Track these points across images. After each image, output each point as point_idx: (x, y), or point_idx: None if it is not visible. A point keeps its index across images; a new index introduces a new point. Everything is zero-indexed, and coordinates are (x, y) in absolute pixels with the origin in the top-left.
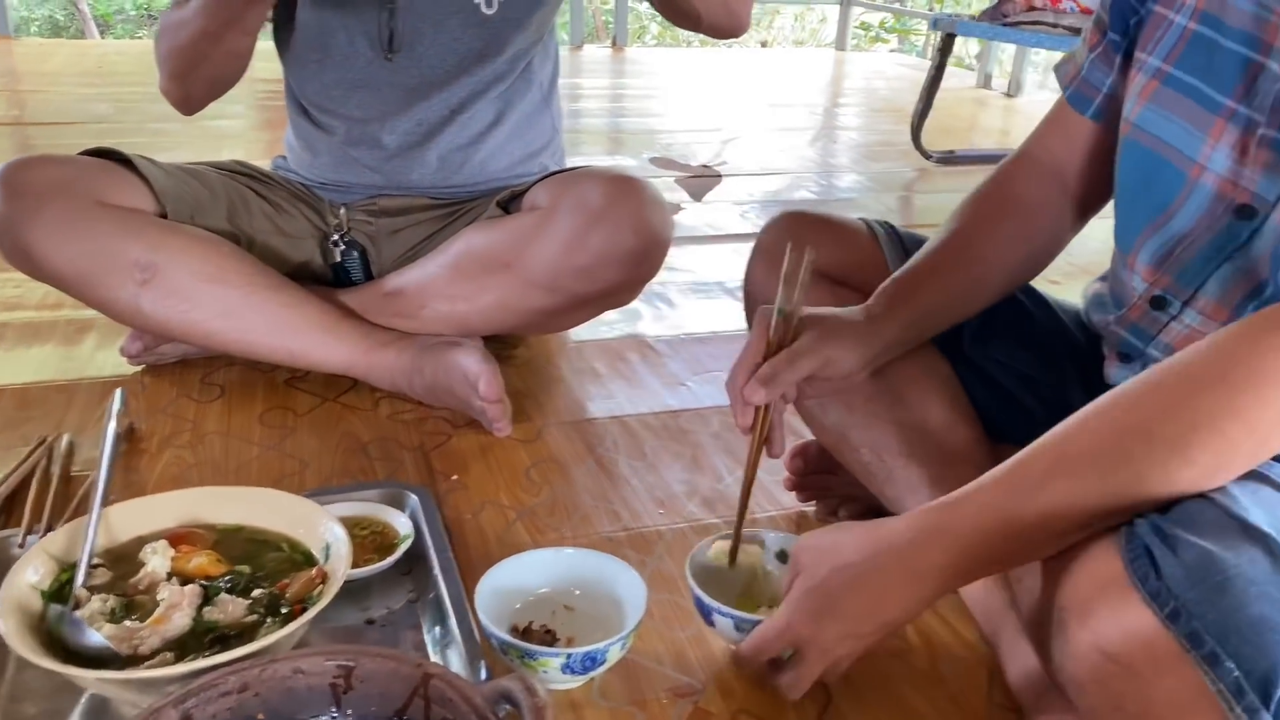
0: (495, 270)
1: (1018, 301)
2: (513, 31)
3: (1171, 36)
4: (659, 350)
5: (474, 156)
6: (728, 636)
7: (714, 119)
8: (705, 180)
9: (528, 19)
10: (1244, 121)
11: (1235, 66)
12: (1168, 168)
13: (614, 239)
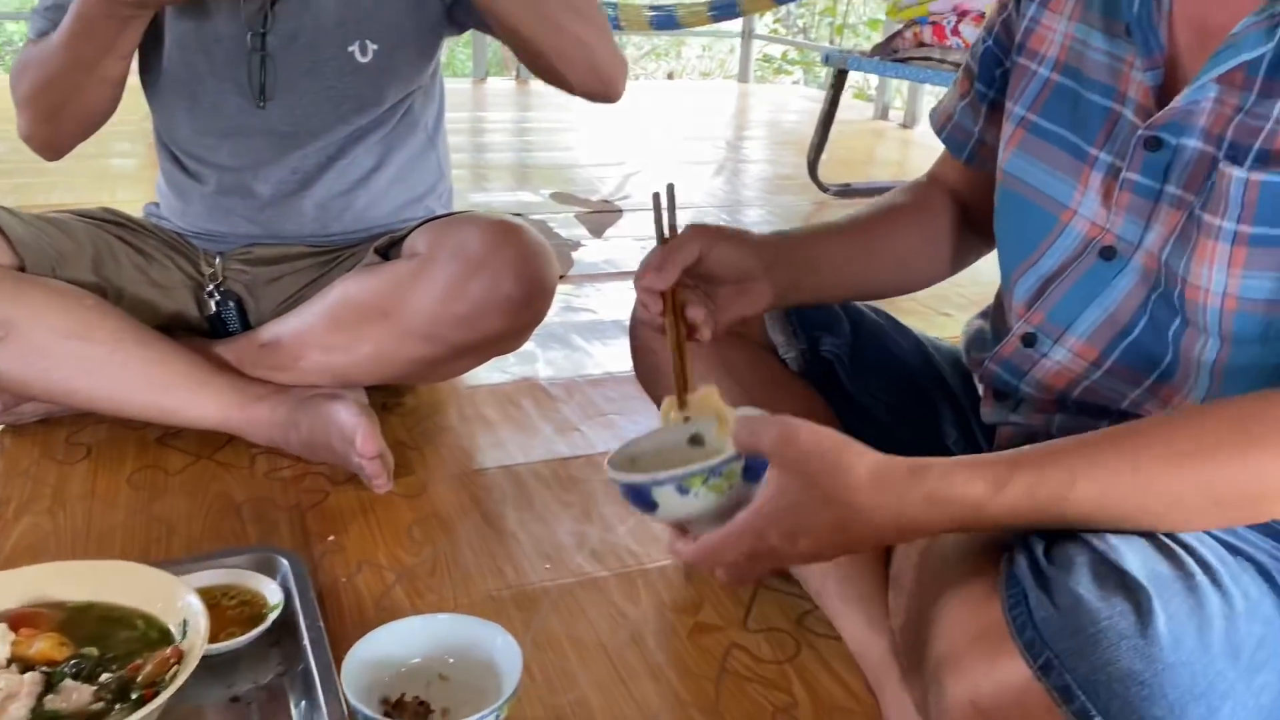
0: (372, 320)
1: (891, 340)
2: (390, 80)
3: (1035, 86)
4: (553, 394)
5: (354, 203)
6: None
7: (618, 152)
8: (606, 215)
9: (405, 67)
10: (1106, 167)
11: (1097, 115)
12: (1038, 212)
13: (494, 287)
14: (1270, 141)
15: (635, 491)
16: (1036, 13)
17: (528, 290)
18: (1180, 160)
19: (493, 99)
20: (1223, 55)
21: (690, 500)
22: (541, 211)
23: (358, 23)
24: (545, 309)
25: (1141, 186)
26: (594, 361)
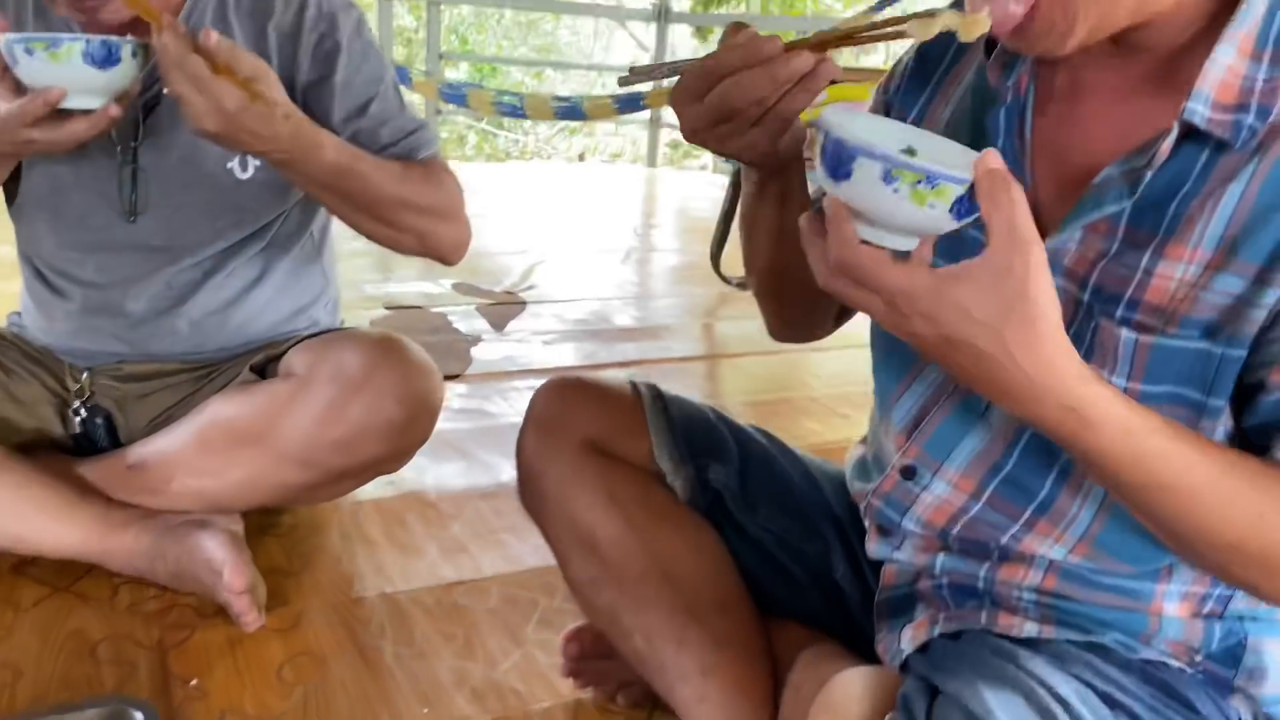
0: (245, 444)
1: (780, 468)
2: (273, 195)
3: None
4: (441, 509)
5: (232, 319)
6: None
7: (526, 239)
8: (509, 307)
9: (289, 183)
10: None
11: (970, 242)
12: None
13: (374, 410)
14: (1141, 293)
15: (838, 151)
16: None
17: (410, 412)
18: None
19: None
20: (1086, 206)
21: (883, 193)
22: (442, 304)
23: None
24: (429, 430)
25: None
26: (488, 472)
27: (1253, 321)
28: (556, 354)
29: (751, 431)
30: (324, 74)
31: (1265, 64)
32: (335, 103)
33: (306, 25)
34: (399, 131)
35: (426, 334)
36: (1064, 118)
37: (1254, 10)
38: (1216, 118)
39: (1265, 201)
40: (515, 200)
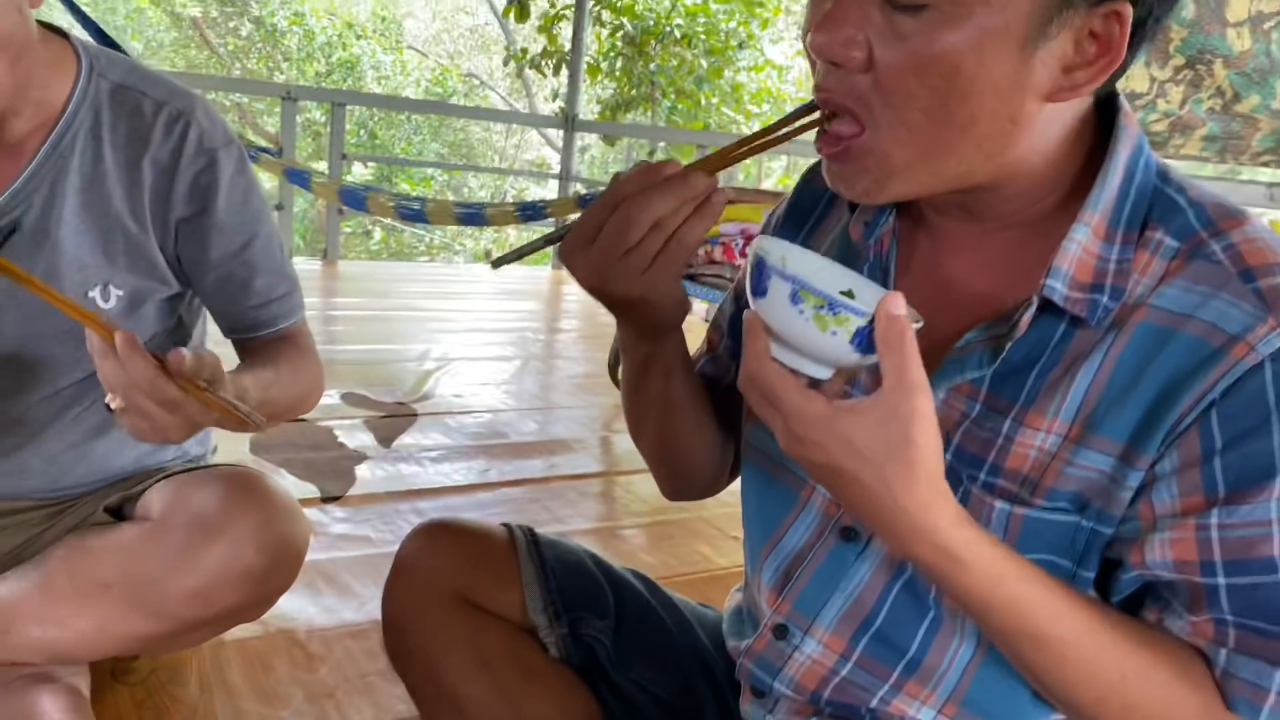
0: (93, 592)
1: (658, 619)
2: (136, 325)
3: None
4: (311, 650)
5: (93, 452)
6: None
7: (422, 344)
8: (399, 420)
9: (153, 312)
10: None
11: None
12: (780, 487)
13: (232, 557)
14: (1003, 459)
15: (759, 267)
16: None
17: (270, 559)
18: None
19: None
20: (949, 370)
21: (790, 313)
22: (329, 416)
23: (99, 267)
24: (291, 578)
25: None
26: (362, 607)
27: (1119, 501)
28: (446, 472)
29: (628, 578)
30: (200, 210)
31: (1118, 245)
32: (210, 241)
33: (184, 160)
34: (270, 290)
35: (309, 450)
36: (927, 277)
37: (1107, 192)
38: (1074, 295)
39: (1121, 381)
40: (415, 302)
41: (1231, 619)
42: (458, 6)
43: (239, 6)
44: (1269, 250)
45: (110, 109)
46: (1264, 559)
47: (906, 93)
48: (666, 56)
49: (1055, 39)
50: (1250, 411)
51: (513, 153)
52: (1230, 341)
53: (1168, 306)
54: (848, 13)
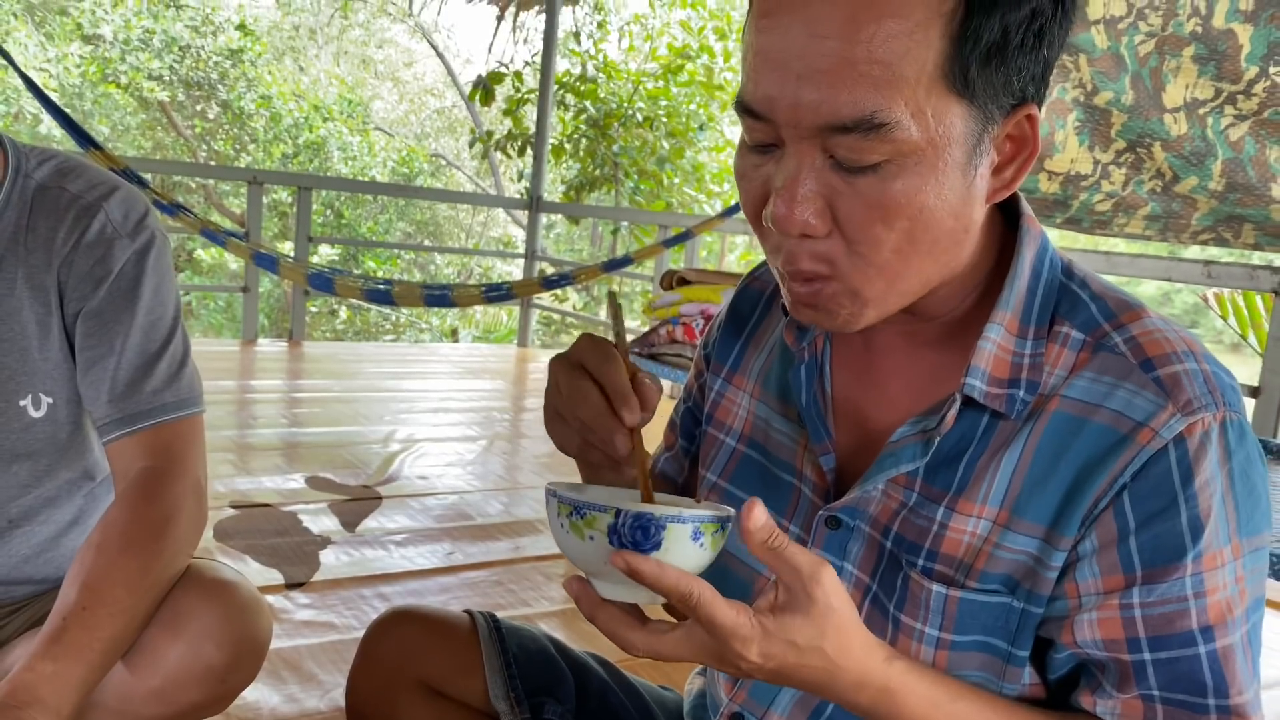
0: None
1: (617, 701)
2: (74, 432)
3: (724, 456)
4: None
5: (48, 562)
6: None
7: (388, 425)
8: (364, 504)
9: (95, 418)
10: (795, 538)
11: (784, 489)
12: (732, 576)
13: (194, 655)
14: (938, 544)
15: (641, 524)
16: (721, 387)
17: (232, 656)
18: (856, 542)
19: (262, 363)
20: (885, 464)
21: (695, 550)
22: (294, 501)
23: (29, 374)
24: (253, 674)
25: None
26: (325, 695)
27: (1046, 581)
28: (411, 556)
29: (590, 662)
30: (88, 299)
31: (1030, 340)
32: (86, 328)
33: (82, 250)
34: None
35: (274, 536)
36: (861, 375)
37: (1016, 292)
38: (992, 391)
39: (1040, 467)
40: (381, 383)
41: (1159, 694)
42: (424, 89)
43: (206, 90)
44: (1165, 341)
45: (32, 210)
46: (1183, 633)
47: (876, 240)
48: (629, 138)
49: (986, 153)
50: (1158, 494)
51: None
52: (1136, 428)
53: (1078, 397)
54: (805, 184)
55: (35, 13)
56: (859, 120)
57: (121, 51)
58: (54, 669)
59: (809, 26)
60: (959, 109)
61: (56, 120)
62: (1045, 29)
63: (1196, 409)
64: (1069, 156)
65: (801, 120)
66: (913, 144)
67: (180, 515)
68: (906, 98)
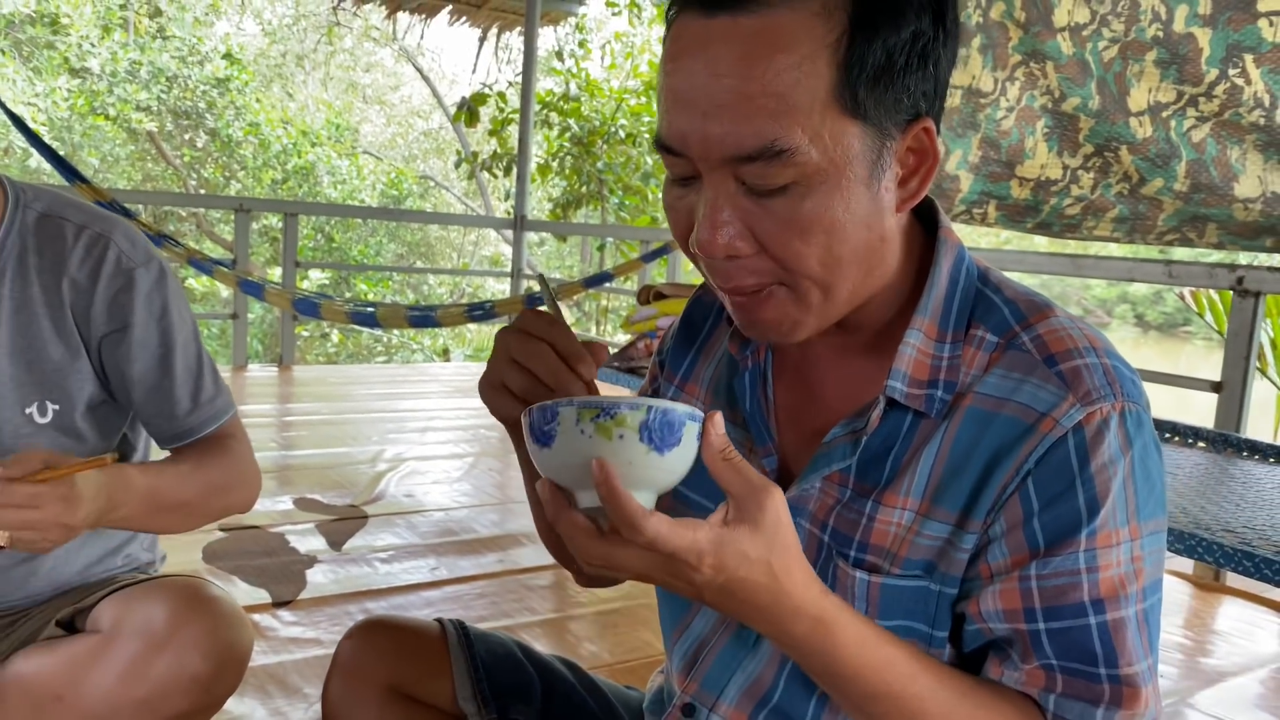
0: (45, 705)
1: (582, 701)
2: (75, 440)
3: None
4: None
5: (40, 568)
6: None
7: (376, 445)
8: (350, 523)
9: (90, 429)
10: None
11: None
12: None
13: (180, 665)
14: (868, 536)
15: (668, 420)
16: (675, 395)
17: (216, 666)
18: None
19: (252, 388)
20: (819, 463)
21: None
22: (281, 523)
23: (36, 384)
24: (235, 683)
25: None
26: (311, 707)
27: (958, 564)
28: (396, 572)
29: (555, 664)
30: (120, 327)
31: (948, 344)
32: (132, 356)
33: (102, 280)
34: (194, 397)
35: (261, 556)
36: (798, 382)
37: (934, 299)
38: (913, 392)
39: (955, 460)
40: (370, 404)
41: (1056, 663)
42: (411, 111)
43: (194, 120)
44: (1068, 338)
45: (35, 236)
46: (1075, 604)
47: (798, 255)
48: (613, 154)
49: (889, 167)
50: (1059, 477)
51: (471, 248)
52: (1040, 419)
53: (989, 393)
54: (723, 211)
55: (22, 48)
56: (761, 149)
57: (109, 84)
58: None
59: (709, 67)
60: (855, 129)
61: (43, 155)
62: (929, 49)
63: (1095, 399)
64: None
65: (711, 153)
66: (814, 165)
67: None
68: (803, 124)
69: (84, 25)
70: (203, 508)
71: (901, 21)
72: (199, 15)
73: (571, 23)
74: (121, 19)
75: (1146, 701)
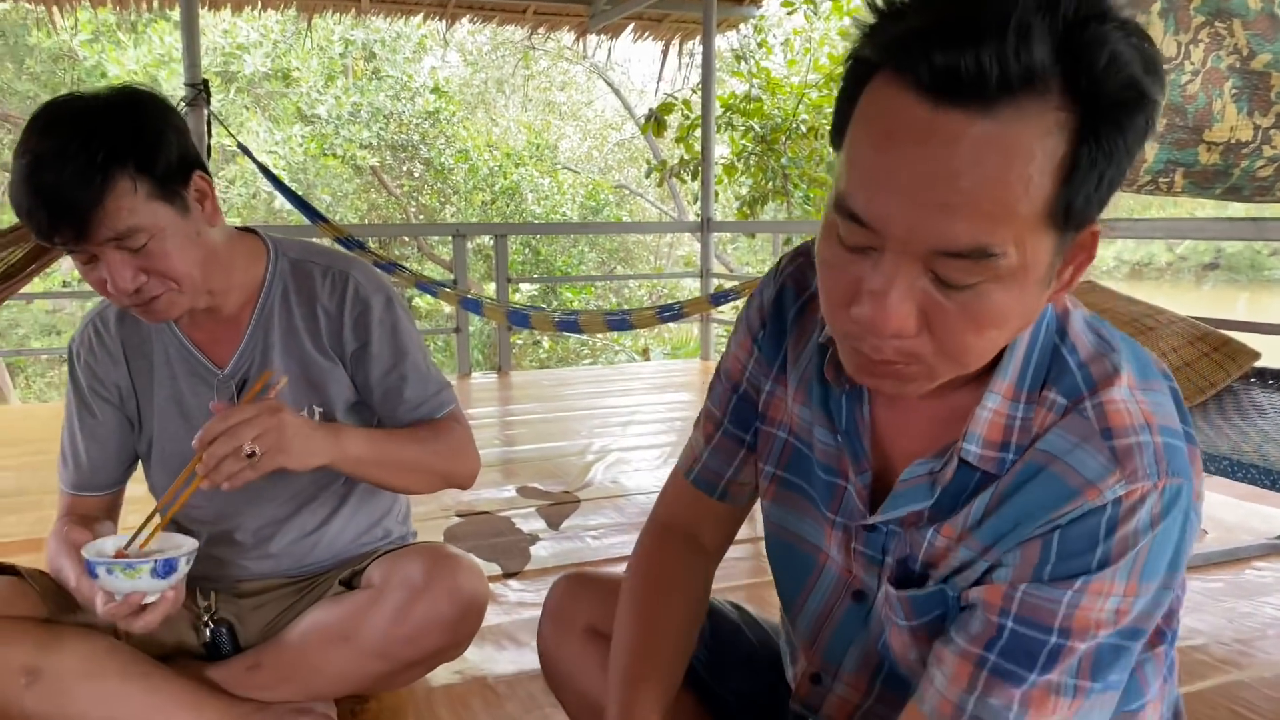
0: (336, 644)
1: (745, 639)
2: None
3: (778, 448)
4: (499, 692)
5: (321, 540)
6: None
7: (585, 438)
8: (565, 506)
9: (348, 420)
10: (841, 527)
11: (826, 488)
12: (800, 554)
13: (434, 609)
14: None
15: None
16: (771, 387)
17: (462, 611)
18: (891, 540)
19: (476, 394)
20: (899, 501)
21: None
22: (507, 509)
23: (306, 391)
24: (477, 624)
25: (868, 555)
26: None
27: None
28: (606, 546)
29: (726, 607)
30: (363, 344)
31: (1022, 404)
32: (372, 365)
33: (347, 307)
34: (421, 393)
35: (492, 536)
36: (892, 407)
37: (1014, 362)
38: (986, 454)
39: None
40: (579, 402)
41: (992, 659)
42: (605, 124)
43: (410, 151)
44: (1127, 413)
45: (292, 278)
46: (1044, 624)
47: (966, 346)
48: (797, 150)
49: (1059, 265)
50: (1084, 538)
51: (667, 250)
52: (1086, 486)
53: (1045, 448)
54: (899, 292)
55: (261, 102)
56: (972, 250)
57: (335, 126)
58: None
59: (933, 163)
60: (1052, 238)
61: (289, 201)
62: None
63: (1140, 478)
64: (1228, 125)
65: (914, 243)
66: (1010, 268)
67: (463, 442)
68: (1015, 231)
69: (311, 76)
70: (428, 466)
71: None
72: (408, 54)
73: (749, 25)
74: (342, 66)
75: (1056, 709)
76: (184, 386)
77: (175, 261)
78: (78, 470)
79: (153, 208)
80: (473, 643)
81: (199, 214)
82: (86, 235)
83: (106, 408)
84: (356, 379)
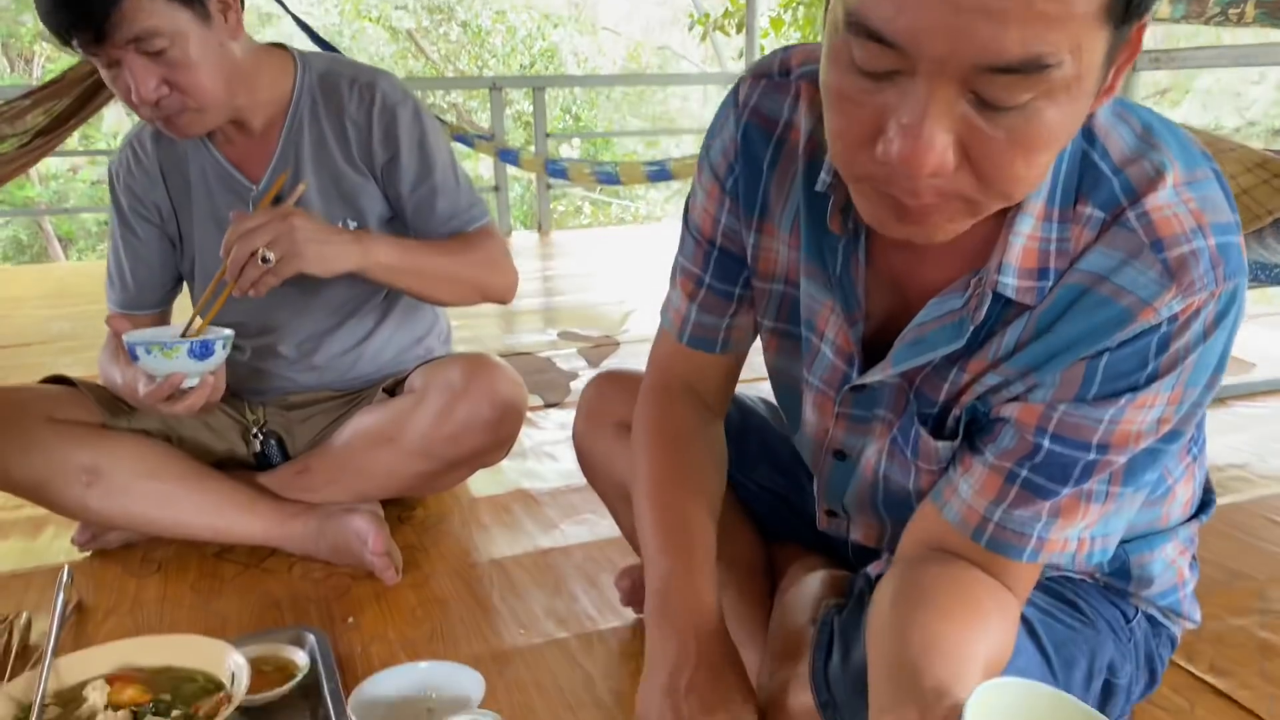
0: (381, 445)
1: (772, 432)
2: None
3: (774, 301)
4: (540, 500)
5: (364, 354)
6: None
7: (624, 291)
8: (604, 348)
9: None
10: (815, 389)
11: (805, 349)
12: (792, 411)
13: (475, 411)
14: (951, 396)
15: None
16: (755, 239)
17: (501, 412)
18: (885, 392)
19: (517, 249)
20: (921, 347)
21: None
22: (550, 349)
23: (334, 206)
24: (518, 427)
25: (854, 416)
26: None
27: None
28: None
29: (754, 403)
30: (392, 155)
31: (1055, 224)
32: (401, 177)
33: (375, 117)
34: (453, 205)
35: (534, 373)
36: (895, 246)
37: (1045, 181)
38: (1023, 285)
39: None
40: (619, 260)
41: (1024, 474)
42: None
43: (446, 13)
44: (1176, 220)
45: (320, 92)
46: (1082, 441)
47: (1015, 177)
48: None
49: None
50: (1134, 357)
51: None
52: (1139, 305)
53: (1087, 268)
54: (937, 121)
55: None
56: (1026, 62)
57: None
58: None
59: None
60: (1105, 37)
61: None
62: None
63: (1197, 290)
64: None
65: (955, 58)
66: (1065, 80)
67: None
68: (1071, 35)
69: None
70: (463, 276)
71: None
72: None
73: None
74: None
75: (1085, 514)
76: (220, 203)
77: (198, 73)
78: (124, 290)
79: (172, 11)
80: (514, 458)
81: (222, 25)
82: (105, 35)
83: (148, 227)
84: (389, 193)
